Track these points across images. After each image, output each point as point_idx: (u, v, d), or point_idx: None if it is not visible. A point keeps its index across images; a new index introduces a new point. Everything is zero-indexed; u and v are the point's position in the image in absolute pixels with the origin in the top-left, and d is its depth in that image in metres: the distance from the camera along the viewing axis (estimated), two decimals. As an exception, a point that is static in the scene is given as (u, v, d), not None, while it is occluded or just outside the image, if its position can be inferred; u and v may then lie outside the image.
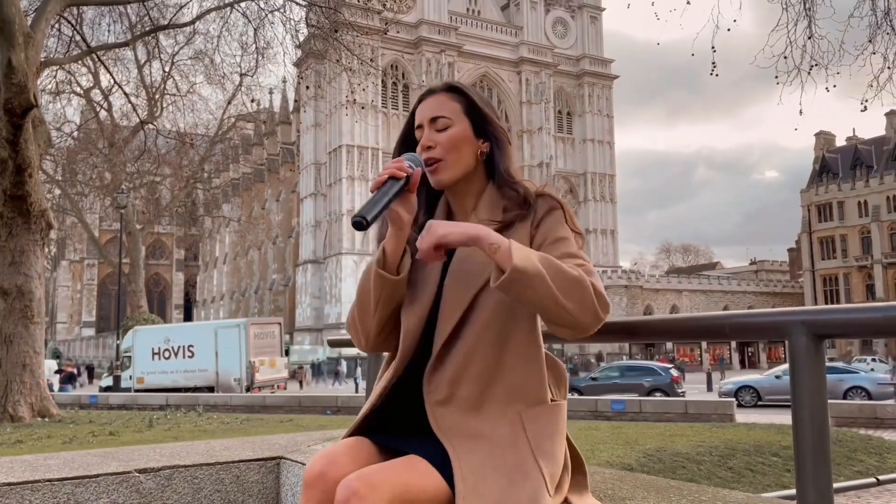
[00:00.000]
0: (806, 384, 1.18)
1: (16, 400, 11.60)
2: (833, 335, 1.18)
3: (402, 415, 1.54)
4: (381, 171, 1.50)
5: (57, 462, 2.23)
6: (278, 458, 2.26)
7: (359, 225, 1.43)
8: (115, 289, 53.23)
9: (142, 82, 30.67)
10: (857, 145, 71.52)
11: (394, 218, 1.49)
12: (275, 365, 27.13)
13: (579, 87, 74.39)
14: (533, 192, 1.59)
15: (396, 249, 1.52)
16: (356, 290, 1.60)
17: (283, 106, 77.81)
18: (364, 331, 1.58)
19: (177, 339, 26.01)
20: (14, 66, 10.84)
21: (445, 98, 1.63)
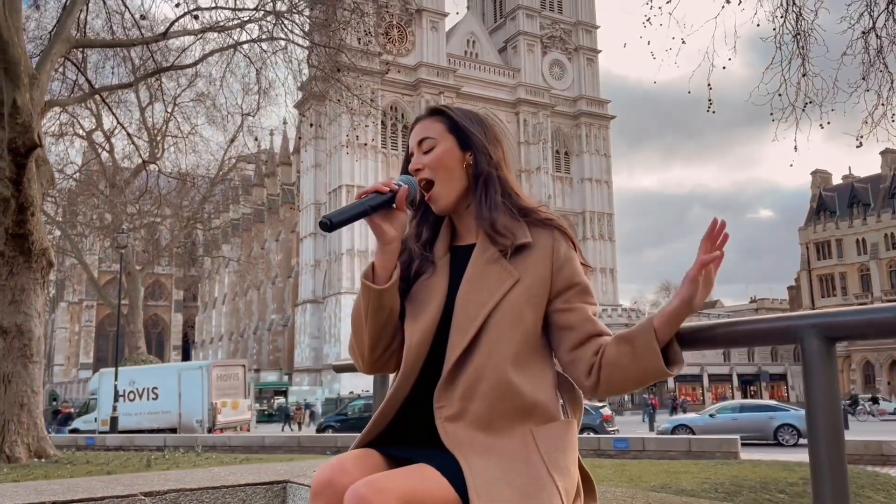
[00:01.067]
0: (819, 387, 1.18)
1: (12, 440, 11.45)
2: (846, 337, 1.18)
3: (410, 430, 1.54)
4: (368, 187, 1.56)
5: (62, 486, 2.21)
6: (284, 482, 2.23)
7: (324, 226, 1.48)
8: (113, 330, 53.02)
9: (144, 124, 31.01)
10: (854, 183, 72.08)
11: (378, 232, 1.54)
12: (237, 406, 27.37)
13: (576, 127, 75.18)
14: (533, 212, 1.61)
15: (384, 265, 1.54)
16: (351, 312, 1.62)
17: (283, 147, 78.52)
18: (359, 349, 1.59)
19: (141, 381, 26.18)
20: (19, 107, 10.96)
21: (430, 121, 1.67)
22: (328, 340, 61.75)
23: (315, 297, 64.85)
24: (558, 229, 1.58)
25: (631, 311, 69.28)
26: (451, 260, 1.61)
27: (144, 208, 39.38)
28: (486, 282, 1.52)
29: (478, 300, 1.50)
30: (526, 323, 1.50)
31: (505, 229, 1.56)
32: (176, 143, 30.93)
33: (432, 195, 1.61)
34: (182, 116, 28.68)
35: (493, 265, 1.54)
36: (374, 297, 1.52)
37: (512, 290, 1.50)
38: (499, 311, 1.48)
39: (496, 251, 1.55)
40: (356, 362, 1.64)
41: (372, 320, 1.54)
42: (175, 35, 15.11)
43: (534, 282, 1.52)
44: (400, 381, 1.53)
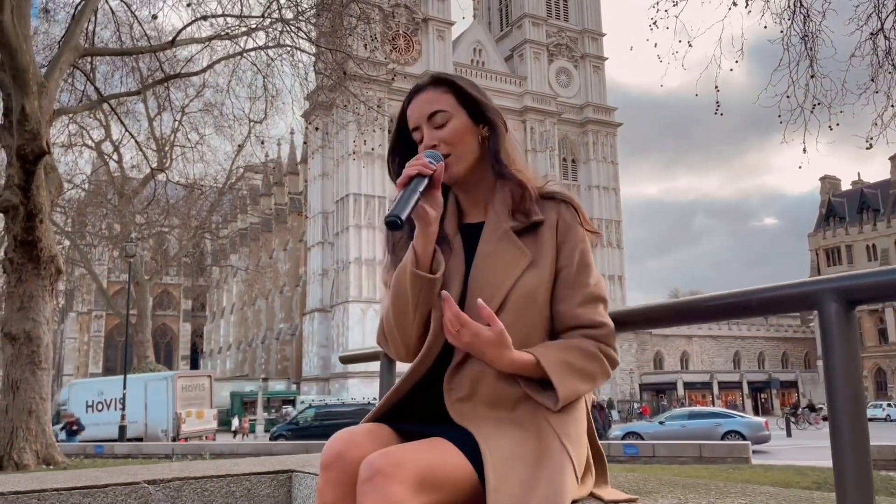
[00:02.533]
0: (839, 353, 1.14)
1: (21, 447, 11.46)
2: (866, 300, 1.15)
3: (420, 409, 1.51)
4: (406, 170, 1.46)
5: (65, 476, 2.19)
6: (290, 472, 2.21)
7: (393, 224, 1.39)
8: (121, 340, 53.15)
9: (152, 134, 31.18)
10: (863, 189, 71.72)
11: (421, 215, 1.46)
12: (202, 416, 28.13)
13: (583, 134, 75.17)
14: (539, 189, 1.57)
15: (427, 248, 1.48)
16: (388, 298, 1.53)
17: (290, 156, 78.76)
18: (404, 338, 1.52)
19: (109, 392, 26.67)
20: (27, 114, 11.02)
21: (436, 93, 1.62)
22: (336, 349, 61.70)
23: (323, 306, 64.87)
24: (563, 201, 1.55)
25: (639, 318, 69.05)
26: (463, 239, 1.58)
27: (153, 218, 39.56)
28: (500, 262, 1.49)
29: (492, 282, 1.47)
30: (538, 304, 1.48)
31: (524, 207, 1.53)
32: (184, 152, 31.04)
33: (447, 164, 1.55)
34: (190, 126, 28.85)
35: (505, 244, 1.51)
36: (426, 287, 1.47)
37: (526, 271, 1.48)
38: (513, 293, 1.46)
39: (508, 228, 1.52)
40: (396, 352, 1.56)
41: (422, 309, 1.48)
42: (182, 43, 15.19)
43: (544, 260, 1.49)
44: (422, 360, 1.49)
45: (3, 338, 12.00)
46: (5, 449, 11.32)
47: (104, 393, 27.10)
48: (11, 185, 11.72)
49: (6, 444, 11.36)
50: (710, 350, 69.71)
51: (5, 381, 11.87)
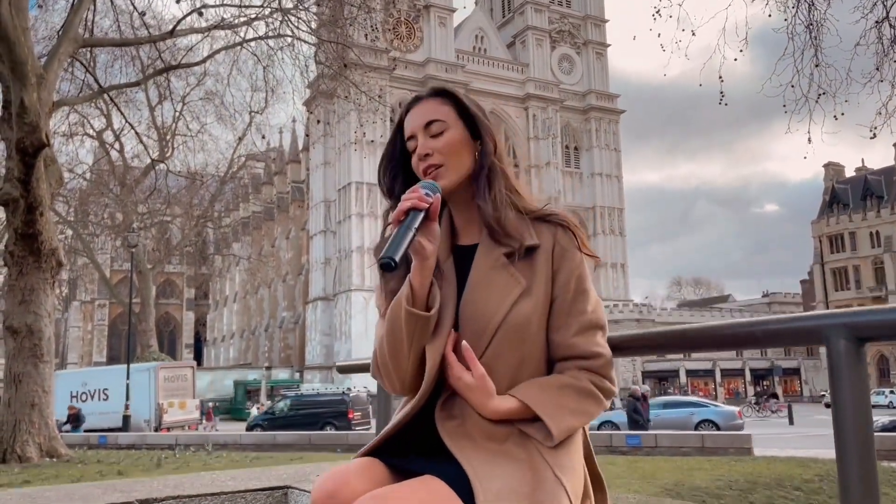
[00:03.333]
0: (848, 391, 1.09)
1: (24, 440, 11.49)
2: (877, 338, 1.10)
3: (414, 441, 1.47)
4: (401, 204, 1.39)
5: (57, 494, 2.15)
6: (285, 488, 2.17)
7: (387, 266, 1.32)
8: (125, 328, 53.28)
9: (153, 123, 31.11)
10: (867, 176, 71.40)
11: (417, 249, 1.39)
12: (185, 406, 28.55)
13: (586, 121, 74.87)
14: (536, 211, 1.53)
15: (423, 283, 1.42)
16: (382, 332, 1.48)
17: (292, 145, 78.60)
18: (399, 375, 1.46)
19: (93, 382, 27.07)
20: (27, 106, 10.96)
21: (436, 103, 1.57)
22: (339, 338, 61.85)
23: (326, 295, 64.96)
24: (561, 225, 1.50)
25: (642, 306, 69.00)
26: (455, 262, 1.52)
27: (155, 207, 39.54)
28: (492, 291, 1.43)
29: (483, 312, 1.42)
30: (532, 334, 1.44)
31: (513, 229, 1.47)
32: (185, 141, 30.99)
33: (438, 173, 1.51)
34: (191, 115, 28.79)
35: (498, 271, 1.45)
36: (421, 325, 1.41)
37: (519, 300, 1.42)
38: (505, 324, 1.41)
39: (501, 254, 1.46)
40: (391, 386, 1.50)
41: (417, 346, 1.43)
42: (182, 33, 15.08)
43: (538, 287, 1.44)
44: (420, 397, 1.45)
45: (5, 331, 12.01)
46: (8, 442, 11.35)
47: (88, 384, 27.50)
48: (11, 177, 11.68)
49: (9, 438, 11.39)
50: (712, 337, 69.73)
51: (7, 375, 11.88)
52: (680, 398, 31.02)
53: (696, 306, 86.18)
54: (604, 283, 71.71)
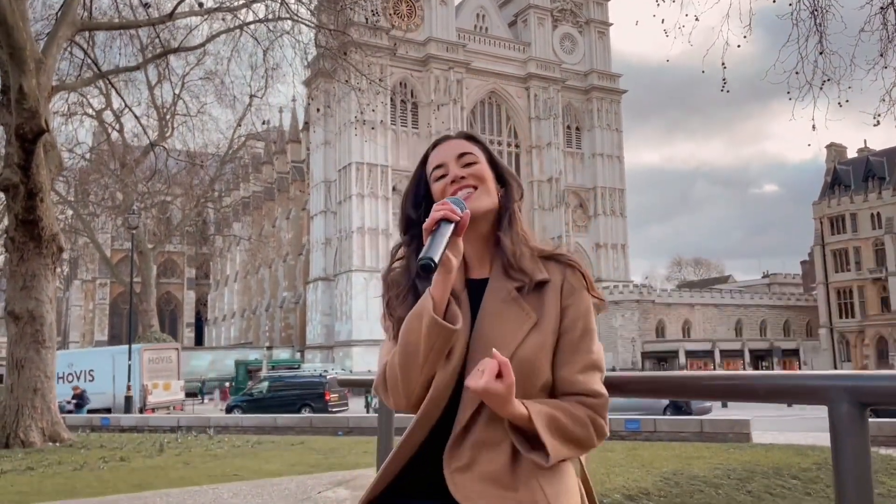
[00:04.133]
0: (849, 454, 1.10)
1: (27, 425, 11.57)
2: (880, 404, 1.10)
3: (419, 482, 1.48)
4: (434, 214, 1.43)
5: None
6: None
7: (427, 267, 1.37)
8: (126, 308, 53.43)
9: (153, 103, 30.96)
10: (869, 157, 71.09)
11: (444, 261, 1.42)
12: (169, 388, 29.18)
13: (588, 101, 74.44)
14: (546, 251, 1.56)
15: (444, 296, 1.44)
16: (397, 345, 1.48)
17: (292, 124, 78.24)
18: (407, 388, 1.46)
19: (79, 363, 27.49)
20: (25, 92, 10.89)
21: (469, 143, 1.64)
22: (339, 318, 62.00)
23: (326, 275, 65.01)
24: (569, 265, 1.52)
25: (642, 287, 69.07)
26: (468, 295, 1.55)
27: (155, 188, 39.43)
28: (504, 323, 1.46)
29: (496, 344, 1.43)
30: (539, 368, 1.46)
31: (526, 265, 1.52)
32: (185, 122, 30.87)
33: (471, 197, 1.56)
34: (190, 95, 28.66)
35: (510, 305, 1.48)
36: (443, 337, 1.42)
37: (529, 334, 1.46)
38: (515, 357, 1.43)
39: (513, 288, 1.50)
40: (396, 401, 1.50)
41: (433, 359, 1.43)
42: (181, 16, 14.95)
43: (547, 322, 1.48)
44: (415, 428, 1.46)
45: (7, 317, 12.04)
46: (11, 427, 11.42)
47: (74, 365, 27.94)
48: (11, 163, 11.64)
49: (12, 423, 11.47)
50: (712, 318, 69.86)
51: (10, 360, 11.93)
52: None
53: (696, 287, 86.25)
54: (604, 264, 71.75)
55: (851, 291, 68.92)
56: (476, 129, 69.33)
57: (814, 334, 72.26)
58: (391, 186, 62.56)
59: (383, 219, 61.41)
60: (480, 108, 70.00)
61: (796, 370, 15.06)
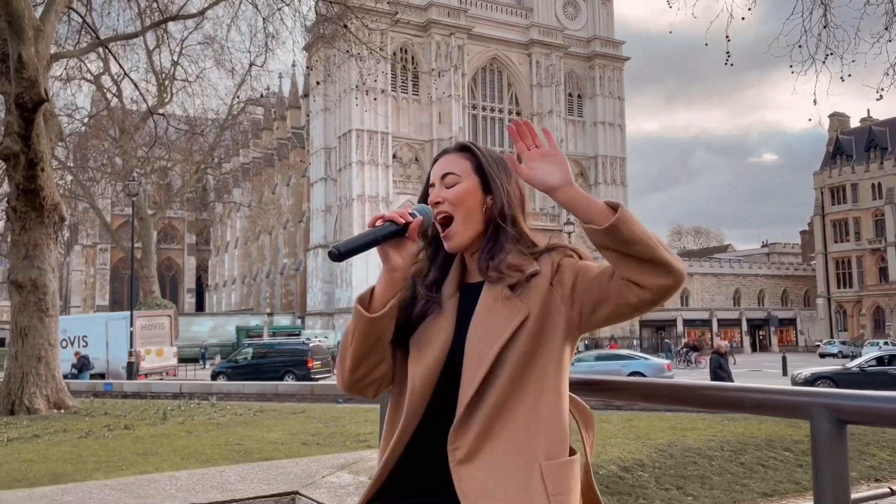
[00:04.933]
0: (828, 470, 1.16)
1: (32, 392, 11.73)
2: (858, 422, 1.16)
3: (420, 476, 1.53)
4: (382, 213, 1.54)
5: (74, 498, 2.25)
6: (293, 494, 2.27)
7: (333, 255, 1.50)
8: (127, 273, 53.58)
9: (151, 68, 30.69)
10: (872, 126, 70.66)
11: (384, 257, 1.53)
12: (162, 354, 29.65)
13: (590, 69, 73.75)
14: (541, 249, 1.59)
15: (384, 292, 1.54)
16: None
17: (292, 90, 77.63)
18: (341, 366, 1.60)
19: (73, 329, 27.88)
20: (24, 61, 10.84)
21: (457, 157, 1.66)
22: (340, 285, 62.23)
23: (326, 242, 65.06)
24: (559, 249, 1.58)
25: (642, 256, 69.17)
26: (459, 299, 1.61)
27: (154, 154, 39.26)
28: (496, 319, 1.50)
29: (487, 339, 1.49)
30: (539, 358, 1.49)
31: (511, 267, 1.54)
32: (184, 87, 30.61)
33: (449, 233, 1.60)
34: (189, 61, 28.42)
35: (502, 302, 1.52)
36: (363, 324, 1.52)
37: (522, 325, 1.49)
38: (510, 349, 1.47)
39: (505, 287, 1.53)
40: (338, 377, 1.64)
41: (358, 344, 1.54)
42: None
43: (542, 308, 1.51)
44: (402, 428, 1.52)
45: (10, 286, 12.13)
46: (17, 394, 11.58)
47: (68, 331, 28.37)
48: (11, 132, 11.62)
49: (17, 390, 11.62)
50: (710, 287, 70.12)
51: (14, 329, 12.05)
52: (612, 352, 32.46)
53: (696, 256, 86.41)
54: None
55: (850, 261, 69.10)
56: (477, 96, 68.88)
57: (811, 304, 72.63)
58: (391, 154, 62.29)
59: (383, 186, 61.26)
60: (482, 75, 69.40)
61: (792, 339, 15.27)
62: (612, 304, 1.45)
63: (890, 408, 1.11)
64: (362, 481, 2.35)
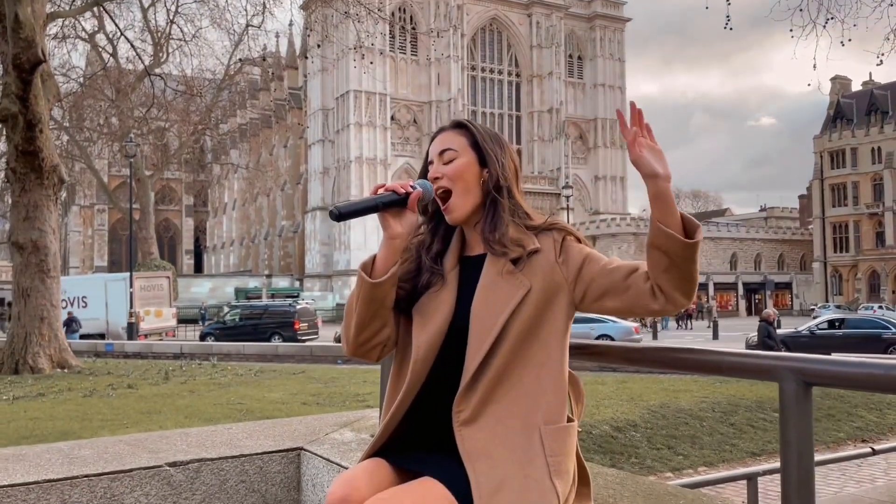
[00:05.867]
0: (794, 428, 1.26)
1: (35, 352, 11.90)
2: (822, 384, 1.26)
3: (421, 438, 1.64)
4: (385, 184, 1.62)
5: (91, 452, 2.36)
6: (298, 449, 2.39)
7: (333, 215, 1.58)
8: (125, 234, 53.63)
9: (147, 27, 30.36)
10: (873, 90, 70.10)
11: (384, 225, 1.60)
12: (161, 315, 30.11)
13: (591, 30, 72.90)
14: (540, 226, 1.67)
15: (385, 259, 1.61)
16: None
17: (289, 50, 76.71)
18: (346, 332, 1.68)
19: (72, 290, 28.25)
20: (21, 21, 10.77)
21: (453, 134, 1.73)
22: (338, 247, 62.34)
23: (324, 205, 64.96)
24: (559, 230, 1.66)
25: (640, 219, 69.21)
26: (460, 271, 1.69)
27: (151, 114, 39.00)
28: (500, 292, 1.59)
29: (492, 311, 1.58)
30: (541, 330, 1.59)
31: (512, 242, 1.63)
32: (180, 47, 30.29)
33: (449, 206, 1.68)
34: (185, 19, 28.09)
35: (505, 276, 1.61)
36: (366, 289, 1.60)
37: (525, 299, 1.58)
38: (514, 320, 1.57)
39: (507, 261, 1.62)
40: (344, 341, 1.72)
41: (361, 309, 1.62)
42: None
43: (545, 285, 1.60)
44: (406, 391, 1.62)
45: (11, 247, 12.22)
46: (20, 354, 11.75)
47: (67, 291, 28.68)
48: (9, 93, 11.59)
49: (21, 350, 11.79)
50: (707, 252, 70.26)
51: (16, 290, 12.17)
52: (581, 314, 32.62)
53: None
54: (602, 196, 71.75)
55: (847, 226, 69.20)
56: (476, 57, 68.15)
57: (808, 268, 72.93)
58: (390, 115, 61.87)
59: (381, 148, 60.99)
60: (481, 36, 68.60)
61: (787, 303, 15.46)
62: (625, 301, 1.56)
63: (851, 371, 1.21)
64: (364, 438, 2.48)
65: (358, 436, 2.50)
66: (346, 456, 2.21)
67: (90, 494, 2.09)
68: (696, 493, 1.77)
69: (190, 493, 2.22)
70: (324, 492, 2.22)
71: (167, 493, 2.19)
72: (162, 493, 2.18)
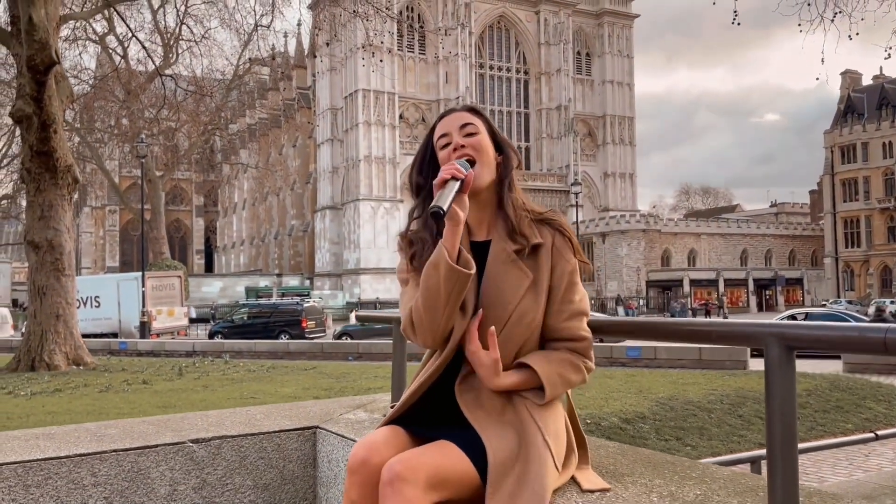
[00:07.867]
0: (778, 389, 1.36)
1: (51, 349, 12.09)
2: (803, 347, 1.36)
3: (431, 411, 1.75)
4: (443, 173, 1.65)
5: (118, 431, 2.48)
6: (314, 428, 2.50)
7: (436, 215, 1.60)
8: (136, 235, 53.99)
9: (156, 28, 30.61)
10: (884, 84, 69.66)
11: (451, 215, 1.63)
12: (173, 314, 30.50)
13: (599, 26, 72.79)
14: (538, 214, 1.78)
15: (455, 245, 1.65)
16: (418, 293, 1.70)
17: (298, 50, 76.99)
18: (432, 329, 1.69)
19: (85, 290, 28.55)
20: (35, 23, 10.94)
21: (470, 115, 1.83)
22: (348, 246, 62.54)
23: (334, 203, 65.21)
24: (558, 229, 1.76)
25: (649, 216, 69.11)
26: (473, 257, 1.77)
27: (161, 115, 39.29)
28: (506, 283, 1.71)
29: (500, 301, 1.70)
30: (534, 320, 1.72)
31: (526, 230, 1.75)
32: (190, 47, 30.55)
33: (475, 172, 1.73)
34: (194, 20, 28.33)
35: (510, 265, 1.72)
36: (463, 280, 1.64)
37: (527, 292, 1.71)
38: (516, 312, 1.70)
39: (512, 252, 1.73)
40: (423, 340, 1.73)
41: (454, 299, 1.66)
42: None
43: (541, 280, 1.72)
44: (437, 367, 1.74)
45: (27, 246, 12.40)
46: (37, 351, 11.94)
47: (80, 291, 29.05)
48: (24, 94, 11.78)
49: (37, 347, 11.97)
50: (718, 247, 70.13)
51: (32, 288, 12.36)
52: None
53: (703, 216, 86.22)
54: (612, 193, 71.64)
55: (859, 221, 68.84)
56: (484, 55, 68.20)
57: (819, 264, 72.61)
58: (398, 114, 62.01)
59: (390, 147, 61.13)
60: (489, 34, 68.64)
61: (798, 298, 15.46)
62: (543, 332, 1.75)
63: (829, 335, 1.31)
64: (376, 418, 2.59)
65: (371, 416, 2.61)
66: (360, 433, 2.32)
67: (118, 468, 2.21)
68: (693, 461, 1.86)
69: (212, 467, 2.33)
70: (339, 467, 2.32)
71: (190, 467, 2.31)
72: (186, 467, 2.30)
